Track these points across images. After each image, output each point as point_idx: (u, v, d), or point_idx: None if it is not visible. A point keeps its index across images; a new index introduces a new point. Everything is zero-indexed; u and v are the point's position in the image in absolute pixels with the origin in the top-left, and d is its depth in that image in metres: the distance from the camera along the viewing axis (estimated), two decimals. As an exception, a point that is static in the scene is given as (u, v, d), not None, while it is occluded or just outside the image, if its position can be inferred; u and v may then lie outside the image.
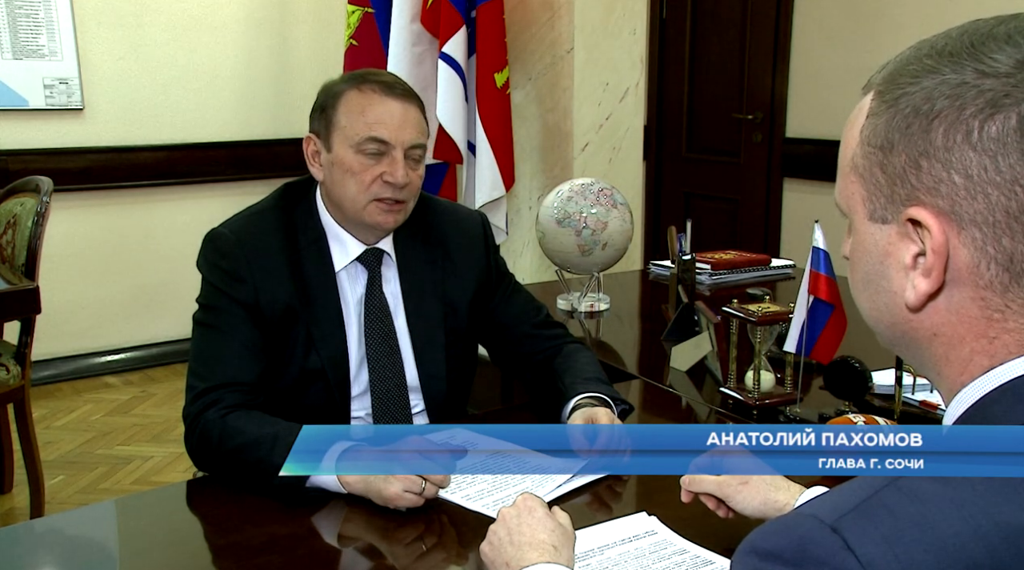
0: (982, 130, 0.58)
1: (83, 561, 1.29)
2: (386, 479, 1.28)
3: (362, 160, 1.55)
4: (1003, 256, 0.59)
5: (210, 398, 1.48)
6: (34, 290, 2.63)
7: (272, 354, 1.56)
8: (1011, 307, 0.60)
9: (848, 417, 1.43)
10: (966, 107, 0.59)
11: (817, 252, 1.53)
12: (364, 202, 1.57)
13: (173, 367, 4.34)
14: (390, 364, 1.64)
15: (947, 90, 0.60)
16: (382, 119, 1.55)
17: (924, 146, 0.61)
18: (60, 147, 4.09)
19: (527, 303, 1.79)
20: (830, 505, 0.57)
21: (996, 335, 0.61)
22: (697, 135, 5.19)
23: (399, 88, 1.58)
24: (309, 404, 1.59)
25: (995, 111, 0.58)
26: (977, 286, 0.61)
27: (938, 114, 0.60)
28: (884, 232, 0.65)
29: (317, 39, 4.57)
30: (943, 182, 0.60)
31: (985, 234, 0.59)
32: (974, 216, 0.59)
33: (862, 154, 0.66)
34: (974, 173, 0.59)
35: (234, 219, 1.62)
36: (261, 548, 1.24)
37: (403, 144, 1.56)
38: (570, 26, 3.27)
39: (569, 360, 1.68)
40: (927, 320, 0.64)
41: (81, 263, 4.23)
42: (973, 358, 0.62)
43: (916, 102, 0.61)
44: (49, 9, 3.99)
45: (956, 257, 0.61)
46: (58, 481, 3.18)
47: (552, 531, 1.03)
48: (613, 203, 2.38)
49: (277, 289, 1.55)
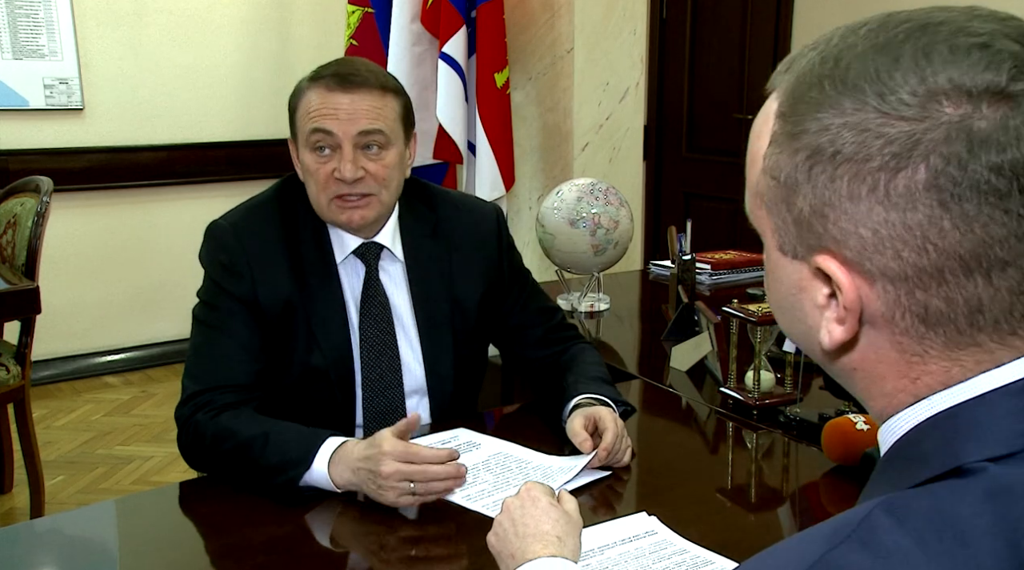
0: (888, 185, 0.54)
1: (83, 561, 1.29)
2: (378, 493, 1.29)
3: (316, 158, 1.52)
4: (917, 307, 0.56)
5: (202, 400, 1.47)
6: (34, 290, 2.63)
7: (272, 351, 1.55)
8: (930, 352, 0.57)
9: (848, 417, 1.43)
10: (871, 158, 0.54)
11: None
12: (325, 201, 1.54)
13: (173, 367, 4.34)
14: (386, 362, 1.61)
15: (849, 135, 0.55)
16: (325, 112, 1.50)
17: (829, 195, 0.57)
18: (60, 147, 4.09)
19: (542, 307, 1.75)
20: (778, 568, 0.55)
21: (917, 376, 0.59)
22: (697, 135, 5.19)
23: (353, 78, 1.51)
24: (312, 402, 1.58)
25: (901, 166, 0.54)
26: (893, 332, 0.58)
27: (842, 162, 0.55)
28: (795, 267, 0.61)
29: (317, 39, 4.57)
30: (851, 235, 0.56)
31: (898, 288, 0.56)
32: (884, 271, 0.56)
33: (767, 185, 0.61)
34: (882, 229, 0.55)
35: (234, 211, 1.61)
36: (261, 548, 1.24)
37: (349, 134, 1.50)
38: (570, 26, 3.27)
39: (574, 359, 1.67)
40: (845, 359, 0.62)
41: (81, 263, 4.22)
42: (896, 395, 0.60)
43: (820, 142, 0.57)
44: (49, 9, 3.99)
45: (869, 306, 0.58)
46: (58, 481, 3.18)
47: (556, 521, 1.02)
48: (620, 202, 2.38)
49: (276, 282, 1.53)
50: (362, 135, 1.51)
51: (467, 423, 1.61)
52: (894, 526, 0.53)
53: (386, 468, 1.27)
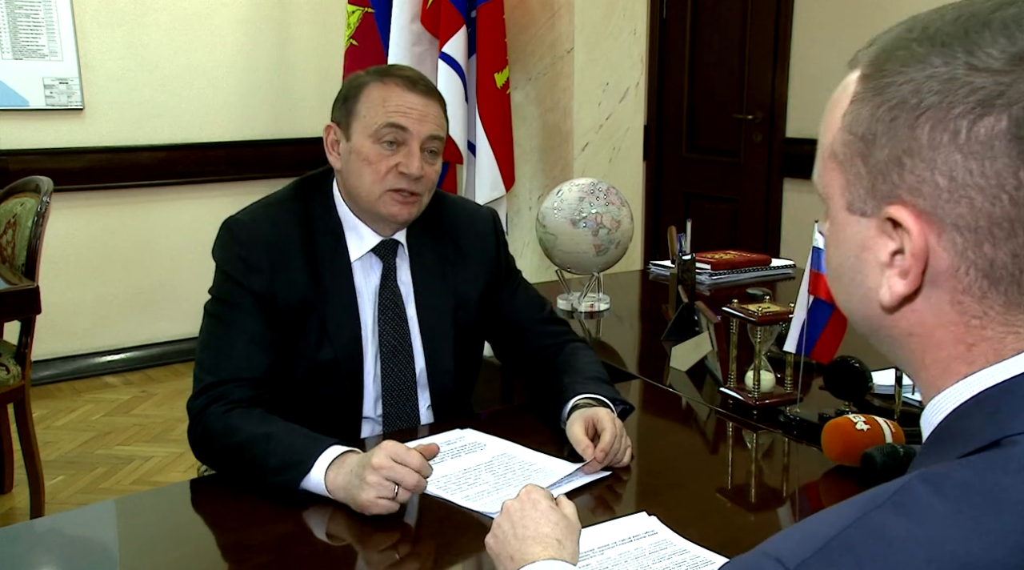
0: (970, 131, 0.55)
1: (83, 561, 1.29)
2: (360, 487, 1.27)
3: (379, 150, 1.56)
4: (983, 262, 0.57)
5: (216, 392, 1.48)
6: (34, 290, 2.63)
7: (284, 346, 1.56)
8: (989, 313, 0.58)
9: (848, 417, 1.43)
10: (955, 106, 0.56)
11: (817, 252, 1.53)
12: (379, 192, 1.58)
13: (173, 367, 4.34)
14: (402, 357, 1.65)
15: (936, 85, 0.57)
16: (402, 109, 1.56)
17: (909, 143, 0.58)
18: (60, 147, 4.09)
19: (532, 299, 1.80)
20: (795, 545, 0.56)
21: (974, 342, 0.59)
22: (697, 135, 5.19)
23: (422, 84, 1.60)
24: (322, 396, 1.60)
25: (985, 112, 0.55)
26: (955, 290, 0.59)
27: (925, 110, 0.57)
28: (862, 225, 0.62)
29: (317, 39, 4.57)
30: (926, 182, 0.58)
31: (966, 239, 0.57)
32: (956, 220, 0.57)
33: (843, 142, 0.63)
34: (959, 176, 0.56)
35: (251, 208, 1.63)
36: (261, 548, 1.24)
37: (421, 135, 1.57)
38: (570, 26, 3.27)
39: (570, 359, 1.68)
40: (902, 320, 0.62)
41: (81, 263, 4.23)
42: (951, 364, 0.61)
43: (903, 94, 0.58)
44: (49, 9, 3.99)
45: (935, 260, 0.59)
46: (58, 481, 3.18)
47: (556, 524, 1.02)
48: (620, 202, 2.39)
49: (292, 279, 1.56)
50: (429, 139, 1.58)
51: (474, 424, 1.61)
52: (931, 493, 0.54)
53: (377, 459, 1.26)
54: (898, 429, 1.41)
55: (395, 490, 1.26)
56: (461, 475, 1.42)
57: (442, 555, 1.26)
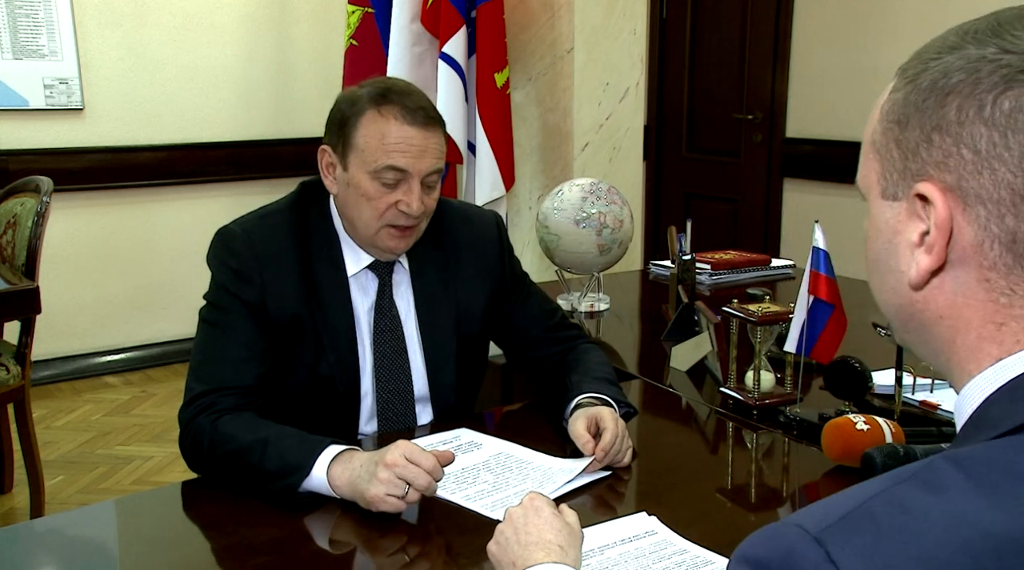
0: (995, 104, 0.58)
1: (83, 561, 1.29)
2: (370, 481, 1.27)
3: (378, 187, 1.52)
4: (1006, 235, 0.59)
5: (205, 402, 1.47)
6: (34, 290, 2.63)
7: (278, 356, 1.55)
8: (1016, 291, 0.60)
9: (848, 417, 1.43)
10: (981, 81, 0.59)
11: (817, 252, 1.53)
12: (376, 228, 1.54)
13: (173, 367, 4.34)
14: (398, 374, 1.62)
15: (964, 64, 0.60)
16: (401, 148, 1.50)
17: (937, 120, 0.61)
18: (60, 147, 4.09)
19: (542, 306, 1.77)
20: (819, 514, 0.56)
21: (1003, 321, 0.60)
22: (697, 135, 5.19)
23: (422, 114, 1.52)
24: (316, 409, 1.58)
25: (1009, 86, 0.58)
26: (981, 267, 0.60)
27: (953, 88, 0.60)
28: (894, 210, 0.65)
29: (317, 39, 4.57)
30: (952, 156, 0.60)
31: (989, 211, 0.59)
32: (979, 192, 0.59)
33: (881, 130, 0.66)
34: (983, 147, 0.58)
35: (247, 217, 1.60)
36: (261, 548, 1.24)
37: (420, 173, 1.52)
38: (570, 26, 3.27)
39: (580, 358, 1.68)
40: (932, 301, 0.64)
41: (81, 263, 4.23)
42: (981, 345, 0.62)
43: (934, 77, 0.61)
44: (49, 9, 3.99)
45: (960, 235, 0.60)
46: (58, 481, 3.18)
47: (559, 531, 1.03)
48: (621, 201, 2.39)
49: (286, 292, 1.54)
50: (429, 175, 1.54)
51: (469, 423, 1.61)
52: (953, 470, 0.55)
53: (391, 456, 1.26)
54: (898, 429, 1.41)
55: (405, 489, 1.26)
56: (460, 475, 1.42)
57: (443, 556, 1.26)
